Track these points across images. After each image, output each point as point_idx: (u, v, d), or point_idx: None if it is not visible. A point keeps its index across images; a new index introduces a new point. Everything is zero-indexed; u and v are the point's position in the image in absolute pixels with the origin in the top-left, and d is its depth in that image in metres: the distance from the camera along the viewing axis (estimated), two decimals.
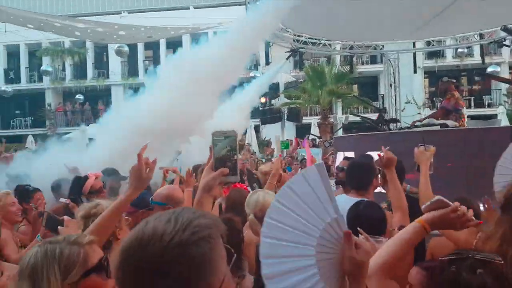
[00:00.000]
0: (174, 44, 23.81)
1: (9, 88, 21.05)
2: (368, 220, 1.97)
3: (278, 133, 14.11)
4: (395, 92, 10.55)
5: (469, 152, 4.41)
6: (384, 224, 2.05)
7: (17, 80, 24.10)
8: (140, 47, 23.14)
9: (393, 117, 8.96)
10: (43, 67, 20.63)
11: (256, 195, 2.57)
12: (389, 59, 10.64)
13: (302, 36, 9.85)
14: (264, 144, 15.06)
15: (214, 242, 0.83)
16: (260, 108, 13.39)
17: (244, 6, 9.36)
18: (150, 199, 2.69)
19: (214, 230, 0.84)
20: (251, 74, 17.85)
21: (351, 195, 2.76)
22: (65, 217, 2.06)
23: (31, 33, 18.68)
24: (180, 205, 2.63)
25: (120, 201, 1.69)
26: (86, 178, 3.62)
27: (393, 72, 10.60)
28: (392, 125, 7.68)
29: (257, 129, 18.34)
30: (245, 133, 17.29)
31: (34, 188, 3.66)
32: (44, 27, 15.20)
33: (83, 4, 25.40)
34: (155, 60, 24.76)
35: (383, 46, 10.69)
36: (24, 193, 3.47)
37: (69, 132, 20.36)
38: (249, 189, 4.46)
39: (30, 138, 17.14)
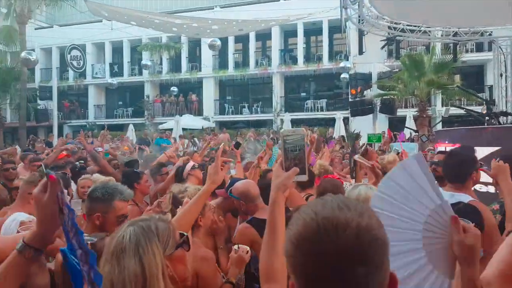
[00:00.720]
0: (263, 37, 24.45)
1: (114, 81, 23.41)
2: None
3: (369, 125, 13.76)
4: (506, 82, 9.65)
5: None
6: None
7: (120, 73, 26.58)
8: (231, 41, 24.09)
9: (504, 110, 8.25)
10: (143, 61, 22.65)
11: (357, 189, 2.51)
12: (499, 46, 9.74)
13: (400, 24, 9.49)
14: (353, 137, 14.82)
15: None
16: (350, 100, 13.18)
17: None
18: (229, 190, 2.83)
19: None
20: (341, 65, 17.62)
21: (446, 189, 2.60)
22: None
23: (133, 29, 20.66)
24: (255, 201, 2.71)
25: (202, 193, 2.02)
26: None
27: (504, 61, 9.68)
28: (502, 119, 7.10)
29: (346, 121, 18.10)
30: (334, 126, 17.22)
31: (141, 171, 4.14)
32: (145, 24, 16.72)
33: (179, 1, 27.25)
34: (244, 53, 25.70)
35: (491, 32, 9.83)
36: (133, 175, 3.77)
37: (165, 122, 22.27)
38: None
39: (130, 127, 19.03)
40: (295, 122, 19.76)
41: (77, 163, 5.56)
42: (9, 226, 2.22)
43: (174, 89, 23.81)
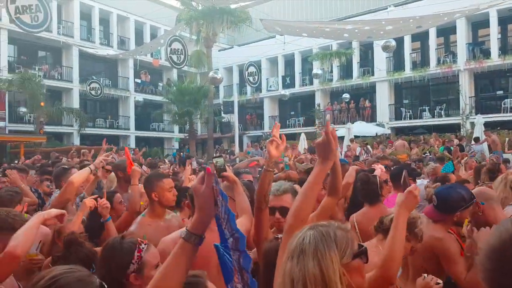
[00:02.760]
0: (445, 31, 22.42)
1: (287, 92, 25.12)
2: None
3: None
4: None
5: None
6: None
7: (292, 85, 28.39)
8: (407, 40, 22.91)
9: None
10: (314, 71, 23.62)
11: None
12: None
13: None
14: None
15: None
16: None
17: None
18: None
19: None
20: None
21: None
22: None
23: (304, 41, 21.78)
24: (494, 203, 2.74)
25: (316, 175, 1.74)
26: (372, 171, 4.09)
27: None
28: None
29: None
30: None
31: None
32: (316, 34, 17.42)
33: (350, 6, 27.45)
34: (423, 52, 24.01)
35: None
36: None
37: (336, 130, 22.60)
38: None
39: (302, 136, 19.98)
40: (489, 125, 17.34)
41: None
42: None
43: (346, 95, 23.99)
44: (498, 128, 18.13)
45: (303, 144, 18.97)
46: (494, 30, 20.72)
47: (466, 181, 4.66)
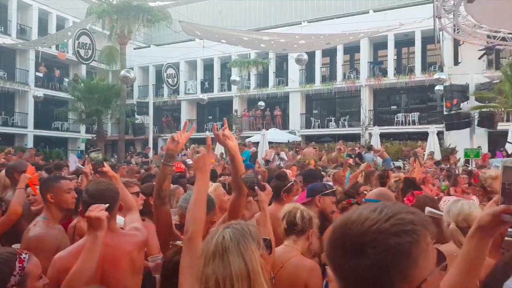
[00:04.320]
0: (351, 49, 24.83)
1: (205, 96, 25.49)
2: None
3: (466, 140, 13.36)
4: None
5: None
6: None
7: (210, 89, 28.77)
8: (318, 55, 24.90)
9: None
10: (232, 77, 24.39)
11: (460, 204, 2.52)
12: None
13: (500, 32, 9.38)
14: (448, 152, 14.45)
15: (416, 238, 0.90)
16: (445, 113, 12.97)
17: (427, 5, 9.47)
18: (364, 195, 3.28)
19: (420, 228, 0.91)
20: (435, 76, 17.29)
21: None
22: None
23: (223, 47, 22.44)
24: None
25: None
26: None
27: None
28: None
29: (440, 135, 17.58)
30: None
31: None
32: (234, 42, 18.22)
33: (267, 19, 28.89)
34: (332, 67, 26.27)
35: None
36: None
37: (252, 136, 23.61)
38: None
39: None
40: (384, 136, 19.69)
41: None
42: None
43: (261, 103, 25.15)
44: (391, 138, 20.68)
45: (219, 149, 19.51)
46: (391, 51, 23.58)
47: (363, 183, 5.44)
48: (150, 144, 20.87)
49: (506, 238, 1.13)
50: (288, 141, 22.21)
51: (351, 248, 0.91)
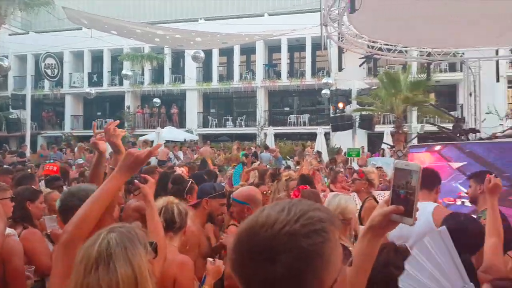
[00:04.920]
0: (247, 51, 25.35)
1: (93, 90, 23.72)
2: (471, 234, 2.15)
3: (349, 140, 14.58)
4: (475, 101, 10.64)
5: None
6: (483, 239, 2.18)
7: (99, 83, 26.97)
8: (215, 53, 24.91)
9: (472, 127, 9.10)
10: (123, 71, 23.14)
11: (338, 198, 2.65)
12: (469, 67, 10.75)
13: (377, 42, 10.34)
14: (333, 152, 15.61)
15: (327, 237, 0.86)
16: (331, 115, 13.99)
17: (317, 13, 10.09)
18: (231, 196, 2.98)
19: (328, 225, 0.87)
20: (323, 81, 18.57)
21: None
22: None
23: (114, 38, 21.13)
24: (259, 205, 2.79)
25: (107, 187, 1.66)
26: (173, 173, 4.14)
27: (474, 81, 10.70)
28: (471, 136, 7.93)
29: (327, 136, 18.92)
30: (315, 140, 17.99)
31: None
32: (126, 34, 17.28)
33: (163, 12, 28.00)
34: (229, 66, 26.52)
35: (463, 53, 10.83)
36: None
37: (146, 134, 22.68)
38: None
39: None
40: (278, 136, 20.50)
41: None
42: None
43: (157, 100, 24.31)
44: (284, 138, 21.64)
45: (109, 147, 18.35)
46: (284, 55, 24.71)
47: (261, 183, 5.42)
48: (28, 142, 18.72)
49: (392, 217, 1.15)
50: (185, 139, 21.86)
51: (262, 255, 0.83)
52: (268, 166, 10.71)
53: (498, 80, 11.15)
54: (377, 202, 4.35)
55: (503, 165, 4.45)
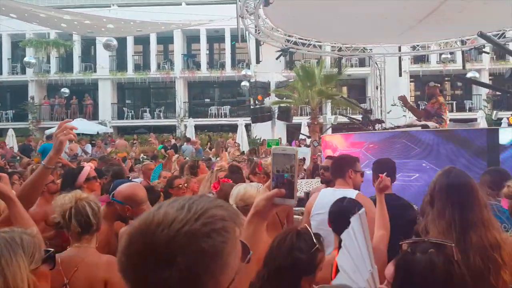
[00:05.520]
0: (165, 40, 24.56)
1: None
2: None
3: (269, 132, 14.91)
4: (381, 94, 11.48)
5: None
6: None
7: None
8: (130, 42, 23.85)
9: (378, 118, 9.81)
10: (26, 59, 21.09)
11: (239, 187, 2.69)
12: (375, 62, 11.54)
13: (293, 36, 10.61)
14: (254, 143, 15.85)
15: (228, 236, 0.82)
16: (252, 107, 14.18)
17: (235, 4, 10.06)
18: (112, 194, 2.66)
19: (230, 223, 0.83)
20: (243, 73, 18.69)
21: (335, 187, 3.14)
22: None
23: (15, 23, 19.17)
24: (142, 205, 2.57)
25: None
26: (80, 169, 3.74)
27: (379, 75, 11.51)
28: (377, 126, 8.60)
29: (248, 128, 19.14)
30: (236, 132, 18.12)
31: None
32: (28, 18, 15.75)
33: None
34: (145, 56, 25.48)
35: (371, 49, 11.58)
36: None
37: (53, 127, 20.97)
38: None
39: (10, 132, 17.57)
40: (199, 128, 20.28)
41: None
42: None
43: (65, 90, 22.56)
44: (206, 130, 21.47)
45: (11, 141, 16.70)
46: (203, 46, 24.40)
47: (177, 176, 5.33)
48: None
49: (275, 200, 1.20)
50: (98, 132, 20.68)
51: (158, 257, 0.76)
52: (187, 158, 10.57)
53: (400, 75, 12.12)
54: None
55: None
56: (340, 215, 2.30)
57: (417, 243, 1.42)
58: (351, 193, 2.85)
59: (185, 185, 4.39)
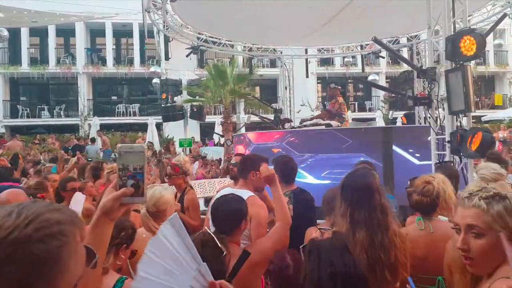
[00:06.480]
0: (65, 33, 22.79)
1: None
2: (224, 213, 2.29)
3: (181, 131, 14.59)
4: (290, 94, 11.91)
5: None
6: (238, 218, 2.29)
7: None
8: (25, 33, 21.75)
9: (287, 117, 10.19)
10: None
11: (153, 189, 2.64)
12: (284, 64, 11.94)
13: (203, 34, 10.51)
14: (166, 142, 15.41)
15: (66, 240, 0.78)
16: (163, 105, 13.73)
17: None
18: None
19: (68, 227, 0.80)
20: (152, 69, 18.09)
21: (235, 187, 3.18)
22: None
23: None
24: None
25: None
26: None
27: (288, 76, 11.94)
28: (286, 124, 9.00)
29: (159, 127, 18.56)
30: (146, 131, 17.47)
31: None
32: None
33: None
34: (43, 49, 23.37)
35: (281, 51, 11.95)
36: None
37: None
38: None
39: None
40: (105, 127, 19.14)
41: None
42: None
43: None
44: (113, 130, 20.36)
45: None
46: (109, 40, 23.10)
47: (72, 178, 4.90)
48: None
49: (123, 200, 1.19)
50: None
51: None
52: (90, 159, 9.96)
53: (307, 76, 12.68)
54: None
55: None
56: (216, 211, 2.34)
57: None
58: (246, 195, 2.80)
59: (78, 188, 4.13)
